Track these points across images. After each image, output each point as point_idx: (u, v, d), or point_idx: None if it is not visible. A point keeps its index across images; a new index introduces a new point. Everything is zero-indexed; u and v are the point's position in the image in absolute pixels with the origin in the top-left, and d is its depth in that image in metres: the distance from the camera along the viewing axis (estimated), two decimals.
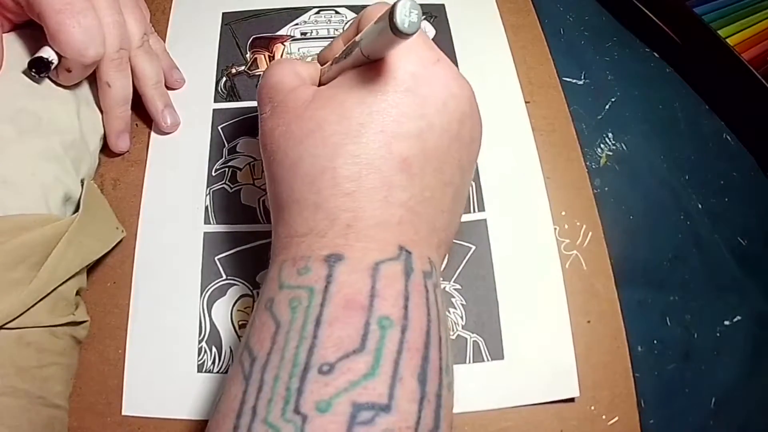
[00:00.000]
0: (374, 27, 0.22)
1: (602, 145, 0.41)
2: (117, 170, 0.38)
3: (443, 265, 0.35)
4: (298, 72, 0.27)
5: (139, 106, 0.38)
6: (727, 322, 0.37)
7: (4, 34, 0.33)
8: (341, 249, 0.22)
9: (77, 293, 0.32)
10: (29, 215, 0.29)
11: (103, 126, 0.37)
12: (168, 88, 0.40)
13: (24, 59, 0.32)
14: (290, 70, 0.27)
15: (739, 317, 0.37)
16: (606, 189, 0.39)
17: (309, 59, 0.43)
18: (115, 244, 0.34)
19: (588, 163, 0.39)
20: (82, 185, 0.33)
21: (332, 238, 0.22)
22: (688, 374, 0.35)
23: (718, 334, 0.36)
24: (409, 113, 0.23)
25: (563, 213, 0.37)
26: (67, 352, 0.31)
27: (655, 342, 0.35)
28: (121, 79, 0.35)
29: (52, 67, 0.32)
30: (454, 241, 0.36)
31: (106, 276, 0.35)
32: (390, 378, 0.20)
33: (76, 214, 0.31)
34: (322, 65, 0.30)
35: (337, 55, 0.27)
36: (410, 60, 0.24)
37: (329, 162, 0.23)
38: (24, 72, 0.33)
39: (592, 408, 0.32)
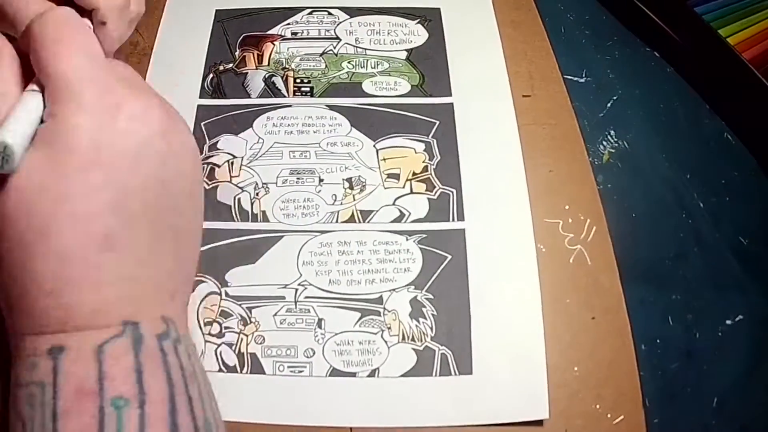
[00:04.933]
0: None
1: (604, 143, 0.41)
2: None
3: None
4: None
5: None
6: (728, 322, 0.37)
7: None
8: (61, 341, 0.21)
9: None
10: None
11: None
12: None
13: None
14: None
15: (740, 317, 0.37)
16: (608, 186, 0.39)
17: (297, 59, 0.43)
18: None
19: (591, 160, 0.39)
20: None
21: (51, 333, 0.21)
22: (690, 373, 0.35)
23: (719, 334, 0.36)
24: (97, 187, 0.21)
25: (567, 207, 0.36)
26: None
27: (657, 341, 0.35)
28: None
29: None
30: (430, 248, 0.35)
31: None
32: None
33: None
34: None
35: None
36: (85, 126, 0.21)
37: (27, 263, 0.21)
38: None
39: (597, 406, 0.32)
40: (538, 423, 0.31)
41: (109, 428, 0.19)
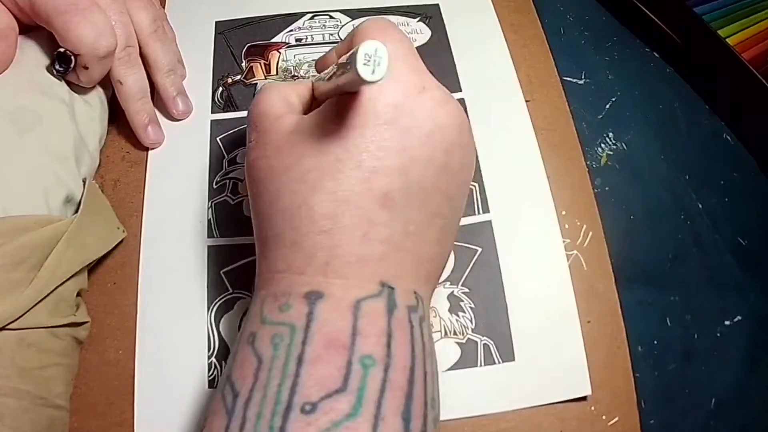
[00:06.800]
0: (342, 65, 0.21)
1: (603, 145, 0.41)
2: (117, 171, 0.38)
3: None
4: (287, 98, 0.27)
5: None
6: (727, 322, 0.37)
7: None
8: (321, 287, 0.22)
9: (78, 294, 0.32)
10: (29, 216, 0.29)
11: (130, 122, 0.37)
12: None
13: (27, 57, 0.32)
14: (278, 96, 0.26)
15: (739, 317, 0.37)
16: (606, 188, 0.39)
17: (306, 66, 0.43)
18: (115, 244, 0.34)
19: (588, 163, 0.39)
20: (84, 185, 0.33)
21: (311, 275, 0.22)
22: (688, 374, 0.35)
23: (718, 334, 0.36)
24: (389, 147, 0.23)
25: (564, 213, 0.37)
26: (68, 353, 0.31)
27: (655, 342, 0.35)
28: (132, 74, 0.35)
29: (73, 62, 0.32)
30: (461, 244, 0.36)
31: (106, 277, 0.35)
32: (373, 417, 0.19)
33: (76, 215, 0.31)
34: (319, 72, 0.29)
35: (325, 73, 0.26)
36: (391, 90, 0.23)
37: (306, 199, 0.23)
38: (47, 68, 0.32)
39: (593, 408, 0.32)
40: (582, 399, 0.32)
41: (353, 384, 0.20)
